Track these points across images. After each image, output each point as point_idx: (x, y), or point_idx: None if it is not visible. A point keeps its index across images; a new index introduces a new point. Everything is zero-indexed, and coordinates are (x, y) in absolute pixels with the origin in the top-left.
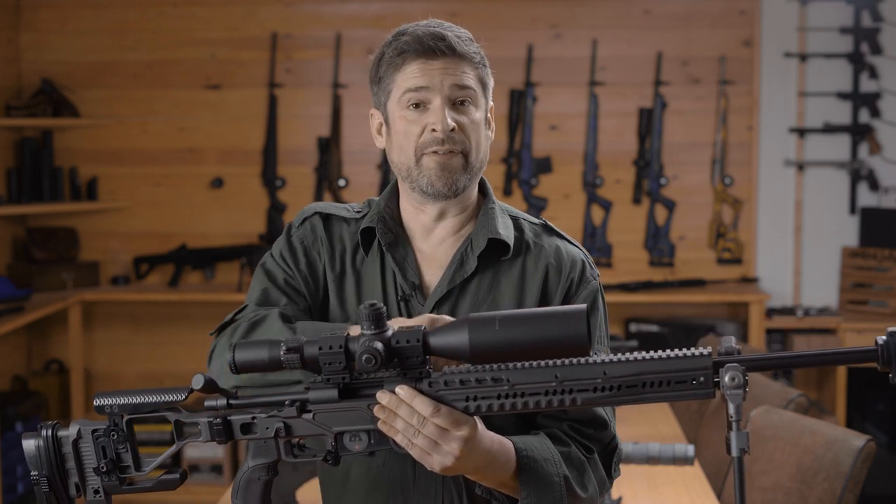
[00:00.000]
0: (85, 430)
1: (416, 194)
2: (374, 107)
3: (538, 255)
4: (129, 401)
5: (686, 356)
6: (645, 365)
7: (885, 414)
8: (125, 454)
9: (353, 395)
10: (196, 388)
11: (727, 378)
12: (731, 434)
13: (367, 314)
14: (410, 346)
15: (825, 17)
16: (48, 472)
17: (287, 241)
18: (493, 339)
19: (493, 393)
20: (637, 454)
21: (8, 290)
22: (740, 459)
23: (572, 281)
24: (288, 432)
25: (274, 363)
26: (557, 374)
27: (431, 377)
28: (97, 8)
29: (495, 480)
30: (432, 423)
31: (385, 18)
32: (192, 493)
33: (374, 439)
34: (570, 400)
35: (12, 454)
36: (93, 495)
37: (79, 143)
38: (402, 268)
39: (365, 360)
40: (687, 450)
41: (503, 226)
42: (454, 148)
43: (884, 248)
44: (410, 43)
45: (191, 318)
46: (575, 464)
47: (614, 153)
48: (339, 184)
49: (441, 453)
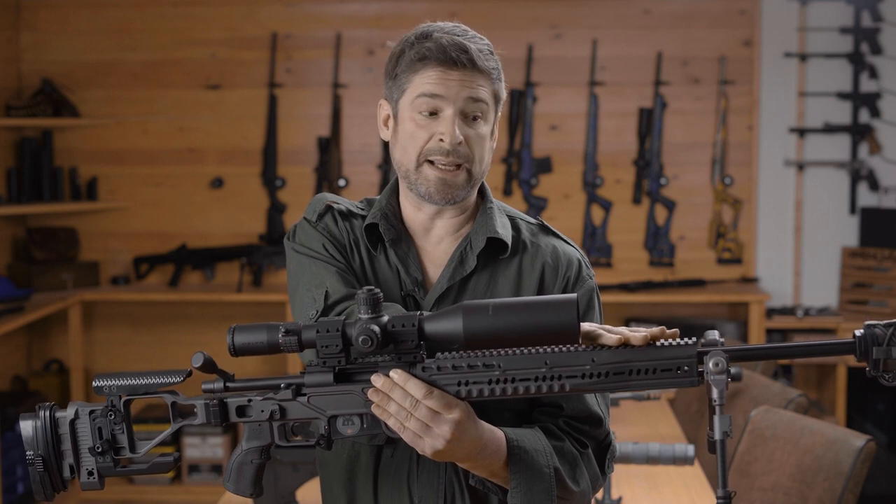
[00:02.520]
0: (82, 410)
1: (412, 194)
2: (384, 98)
3: (535, 254)
4: (128, 382)
5: (672, 345)
6: (632, 354)
7: (885, 414)
8: (121, 435)
9: (347, 380)
10: (195, 367)
11: (711, 364)
12: (714, 418)
13: (364, 299)
14: (406, 330)
15: (825, 17)
16: (44, 452)
17: (317, 233)
18: (486, 326)
19: (484, 378)
20: (637, 454)
21: (8, 290)
22: (723, 442)
23: (568, 280)
24: (283, 415)
25: (272, 346)
26: (547, 360)
27: (425, 362)
28: (97, 8)
29: (486, 469)
30: (424, 406)
31: (385, 18)
32: (192, 493)
33: (366, 423)
34: (559, 386)
35: (12, 454)
36: (86, 476)
37: (79, 143)
38: (405, 263)
39: (362, 342)
40: (687, 450)
41: (501, 225)
42: (458, 161)
43: (884, 248)
44: (433, 50)
45: (191, 318)
46: (567, 458)
47: (614, 153)
48: (339, 184)
49: (432, 436)
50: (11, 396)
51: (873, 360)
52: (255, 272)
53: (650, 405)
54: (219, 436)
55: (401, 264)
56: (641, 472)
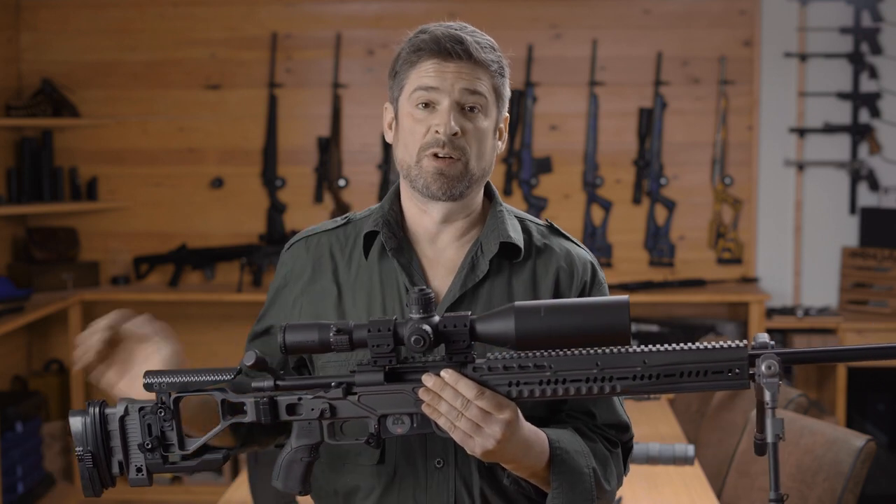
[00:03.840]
0: (132, 407)
1: (416, 194)
2: (389, 101)
3: (549, 257)
4: (178, 379)
5: (723, 348)
6: (684, 355)
7: (885, 414)
8: (170, 432)
9: (398, 380)
10: (247, 364)
11: (763, 367)
12: (767, 421)
13: (416, 298)
14: (457, 330)
15: (825, 17)
16: (93, 448)
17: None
18: (538, 327)
19: (535, 379)
20: (637, 454)
21: (8, 290)
22: (775, 445)
23: (585, 283)
24: (332, 414)
25: (324, 344)
26: (598, 361)
27: (476, 363)
28: (97, 8)
29: (528, 470)
30: (476, 406)
31: (385, 18)
32: (192, 493)
33: (416, 423)
34: (611, 387)
35: (12, 454)
36: (135, 473)
37: (79, 143)
38: (408, 272)
39: (414, 342)
40: (687, 450)
41: (513, 229)
42: (454, 154)
43: (884, 248)
44: (428, 42)
45: (191, 318)
46: (600, 458)
47: (614, 153)
48: (339, 184)
49: (483, 436)
50: (11, 396)
51: None
52: (255, 272)
53: (650, 405)
54: None
55: (403, 272)
56: (641, 472)
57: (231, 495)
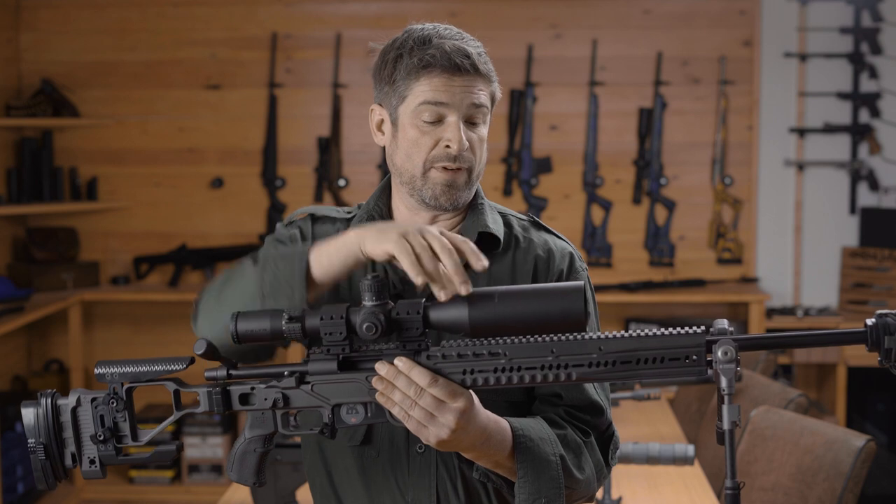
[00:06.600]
0: (84, 398)
1: (413, 201)
2: (376, 102)
3: (527, 248)
4: (130, 369)
5: (680, 334)
6: (641, 342)
7: (885, 414)
8: (123, 423)
9: (351, 368)
10: (198, 353)
11: (720, 352)
12: (722, 407)
13: (368, 285)
14: (410, 317)
15: (825, 17)
16: (45, 440)
17: (274, 238)
18: (492, 314)
19: (490, 366)
20: (637, 454)
21: (8, 290)
22: (731, 432)
23: (561, 272)
24: (286, 403)
25: (276, 333)
26: (554, 348)
27: (429, 350)
28: (97, 8)
29: (491, 460)
30: (429, 394)
31: (385, 18)
32: (192, 493)
33: (370, 412)
34: (566, 375)
35: (12, 454)
36: (88, 465)
37: (79, 143)
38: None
39: (366, 329)
40: (687, 450)
41: (492, 221)
42: (462, 165)
43: (884, 248)
44: (437, 57)
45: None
46: (571, 446)
47: (614, 153)
48: (339, 184)
49: (437, 425)
50: (11, 396)
51: (885, 349)
52: None
53: (650, 405)
54: (219, 436)
55: (389, 265)
56: (641, 472)
57: (231, 495)
